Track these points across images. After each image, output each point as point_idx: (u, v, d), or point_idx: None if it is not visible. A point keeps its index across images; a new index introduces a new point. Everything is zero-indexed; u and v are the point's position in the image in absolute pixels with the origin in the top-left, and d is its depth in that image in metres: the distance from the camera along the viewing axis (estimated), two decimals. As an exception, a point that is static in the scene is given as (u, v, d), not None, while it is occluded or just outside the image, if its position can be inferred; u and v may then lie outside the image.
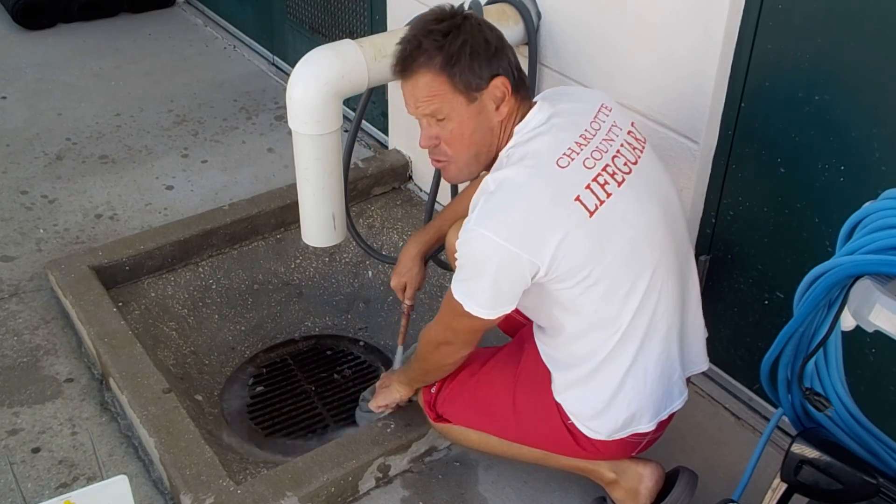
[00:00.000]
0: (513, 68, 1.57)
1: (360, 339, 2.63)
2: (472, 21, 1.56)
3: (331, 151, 1.99)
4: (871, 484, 1.22)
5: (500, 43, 1.57)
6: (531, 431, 1.74)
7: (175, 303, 2.55)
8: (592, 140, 1.54)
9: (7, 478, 1.95)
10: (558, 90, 1.71)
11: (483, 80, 1.54)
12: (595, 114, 1.60)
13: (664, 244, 1.59)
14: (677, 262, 1.63)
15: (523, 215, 1.45)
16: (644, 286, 1.55)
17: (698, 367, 1.75)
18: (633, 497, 1.76)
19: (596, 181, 1.49)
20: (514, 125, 1.58)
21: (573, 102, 1.62)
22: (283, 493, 1.82)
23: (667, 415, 1.68)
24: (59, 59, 3.92)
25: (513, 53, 1.59)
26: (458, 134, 1.58)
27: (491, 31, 1.57)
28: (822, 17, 1.66)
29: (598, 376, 1.62)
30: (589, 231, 1.47)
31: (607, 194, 1.49)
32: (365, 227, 2.82)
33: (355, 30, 3.21)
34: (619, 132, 1.60)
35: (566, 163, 1.49)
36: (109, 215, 2.85)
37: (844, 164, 1.72)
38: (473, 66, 1.52)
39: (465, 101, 1.55)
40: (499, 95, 1.56)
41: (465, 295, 1.53)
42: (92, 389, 2.21)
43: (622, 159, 1.55)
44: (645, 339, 1.58)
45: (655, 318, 1.58)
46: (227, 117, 3.49)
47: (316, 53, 1.95)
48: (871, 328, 1.12)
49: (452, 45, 1.52)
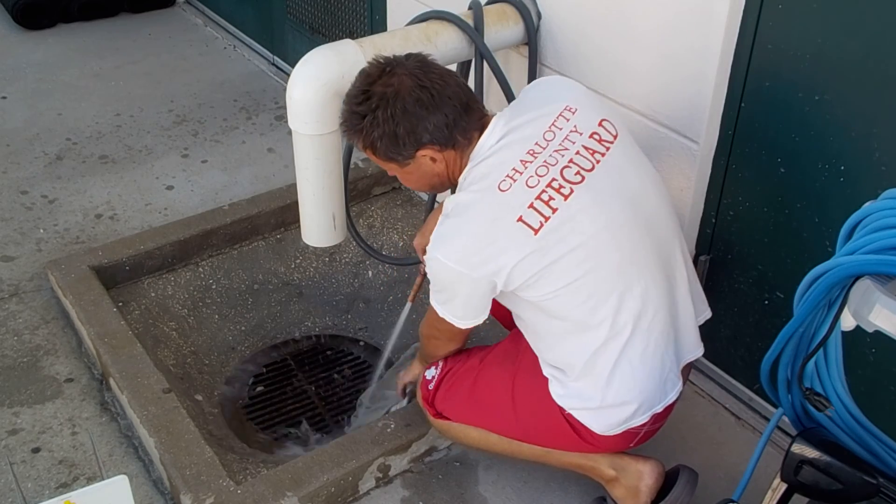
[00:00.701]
0: (442, 126, 1.58)
1: (360, 339, 2.63)
2: (388, 99, 1.56)
3: (331, 151, 1.99)
4: (871, 484, 1.22)
5: (417, 117, 1.56)
6: (531, 426, 1.74)
7: (175, 303, 2.55)
8: (541, 154, 1.57)
9: (7, 478, 1.95)
10: (526, 95, 1.72)
11: (407, 157, 1.62)
12: (553, 121, 1.62)
13: (633, 242, 1.59)
14: (657, 255, 1.62)
15: (468, 239, 1.54)
16: (612, 286, 1.57)
17: (693, 354, 1.74)
18: (633, 495, 1.76)
19: (539, 199, 1.53)
20: (469, 153, 1.63)
21: (531, 111, 1.64)
22: (283, 493, 1.82)
23: (662, 407, 1.67)
24: (59, 59, 3.92)
25: (449, 104, 1.57)
26: (405, 181, 1.72)
27: (404, 115, 1.56)
28: (822, 18, 1.66)
29: (585, 376, 1.63)
30: (535, 248, 1.52)
31: (553, 210, 1.53)
32: (365, 227, 2.82)
33: (355, 30, 3.21)
34: (577, 137, 1.60)
35: (508, 185, 1.54)
36: (109, 215, 2.85)
37: (844, 164, 1.72)
38: (390, 151, 1.61)
39: (397, 166, 1.66)
40: (427, 162, 1.63)
41: (439, 305, 1.65)
42: (92, 389, 2.21)
43: (574, 169, 1.56)
44: (625, 337, 1.59)
45: (633, 315, 1.58)
46: (227, 117, 3.49)
47: (316, 53, 1.95)
48: (871, 328, 1.12)
49: (370, 134, 1.60)
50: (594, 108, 1.67)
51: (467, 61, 2.22)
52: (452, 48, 2.10)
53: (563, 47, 2.19)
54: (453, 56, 2.13)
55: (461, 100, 1.60)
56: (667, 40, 1.90)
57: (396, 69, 1.59)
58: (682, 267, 1.70)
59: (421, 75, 1.58)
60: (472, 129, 1.62)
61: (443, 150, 1.62)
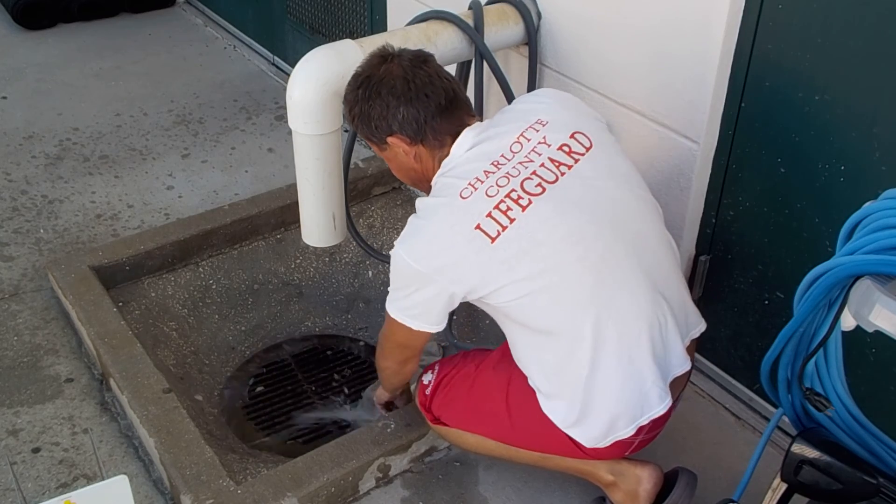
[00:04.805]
0: (411, 120, 1.66)
1: (360, 339, 2.63)
2: (373, 82, 1.67)
3: (331, 151, 1.99)
4: (871, 484, 1.23)
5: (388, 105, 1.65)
6: (527, 432, 1.74)
7: (175, 303, 2.55)
8: (505, 165, 1.61)
9: (7, 478, 1.95)
10: (510, 107, 1.80)
11: (381, 140, 1.72)
12: (520, 134, 1.66)
13: (602, 252, 1.57)
14: (637, 266, 1.60)
15: (429, 240, 1.59)
16: (575, 297, 1.56)
17: (679, 368, 1.68)
18: (631, 499, 1.75)
19: (497, 208, 1.56)
20: (441, 157, 1.69)
21: (504, 125, 1.69)
22: (283, 493, 1.82)
23: (647, 420, 1.63)
24: (59, 59, 3.92)
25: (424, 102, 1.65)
26: (391, 167, 1.82)
27: (378, 99, 1.66)
28: (822, 18, 1.66)
29: (563, 387, 1.62)
30: (492, 256, 1.54)
31: (510, 220, 1.55)
32: (365, 228, 2.82)
33: (355, 30, 3.21)
34: (545, 149, 1.63)
35: (469, 193, 1.58)
36: (109, 215, 2.85)
37: (844, 164, 1.72)
38: (366, 133, 1.73)
39: (377, 148, 1.77)
40: (398, 150, 1.72)
41: (393, 304, 1.66)
42: (92, 389, 2.21)
43: (535, 181, 1.58)
44: (594, 349, 1.57)
45: (603, 327, 1.57)
46: (228, 117, 3.49)
47: (316, 53, 1.95)
48: (871, 328, 1.13)
49: (351, 110, 1.72)
50: (571, 120, 1.69)
51: (467, 61, 2.22)
52: (452, 48, 2.10)
53: (563, 47, 2.19)
54: (453, 56, 2.13)
55: (440, 102, 1.65)
56: (667, 40, 1.90)
57: (394, 58, 1.68)
58: (671, 277, 1.68)
59: (409, 68, 1.65)
60: (445, 132, 1.67)
61: (413, 144, 1.68)
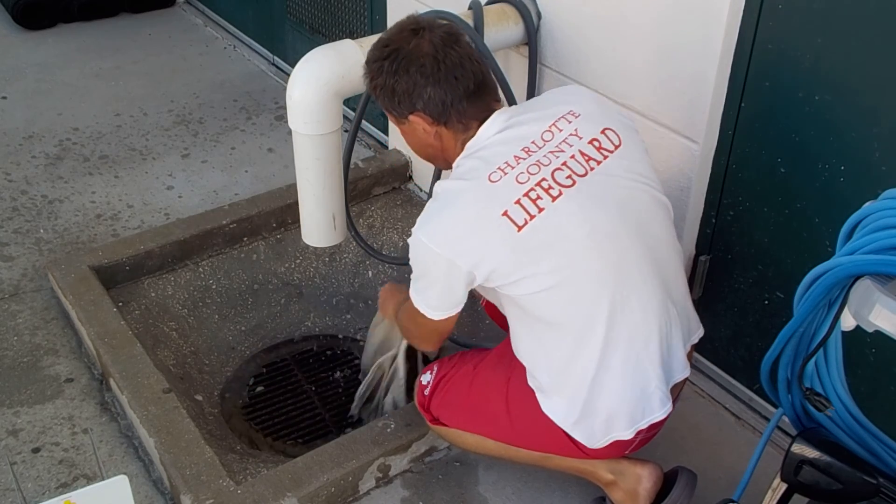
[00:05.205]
0: (437, 101, 1.59)
1: (360, 339, 2.62)
2: (400, 55, 1.60)
3: (331, 151, 1.99)
4: (871, 484, 1.23)
5: (415, 83, 1.59)
6: (526, 432, 1.73)
7: (175, 303, 2.55)
8: (536, 153, 1.57)
9: (7, 478, 1.95)
10: (538, 97, 1.76)
11: (401, 115, 1.66)
12: (554, 122, 1.62)
13: (620, 252, 1.56)
14: (650, 268, 1.59)
15: (453, 224, 1.54)
16: (592, 295, 1.55)
17: (681, 374, 1.69)
18: (631, 498, 1.75)
19: (527, 196, 1.52)
20: (465, 139, 1.64)
21: (537, 111, 1.65)
22: (283, 493, 1.82)
23: (646, 424, 1.63)
24: (59, 59, 3.92)
25: (453, 84, 1.59)
26: (406, 140, 1.74)
27: (406, 75, 1.59)
28: (822, 17, 1.66)
29: (566, 384, 1.62)
30: (517, 245, 1.51)
31: (539, 209, 1.51)
32: (365, 227, 2.82)
33: (355, 30, 3.21)
34: (576, 141, 1.59)
35: (498, 177, 1.54)
36: (109, 215, 2.85)
37: (844, 164, 1.72)
38: (387, 105, 1.66)
39: (395, 120, 1.70)
40: (419, 128, 1.65)
41: (414, 293, 1.64)
42: (92, 389, 2.21)
43: (566, 172, 1.55)
44: (601, 347, 1.56)
45: (614, 326, 1.56)
46: (227, 117, 3.49)
47: (316, 53, 1.95)
48: (871, 328, 1.13)
49: (374, 80, 1.65)
50: (601, 116, 1.66)
51: (467, 61, 2.22)
52: (452, 48, 2.10)
53: (563, 47, 2.19)
54: (453, 56, 2.13)
55: (468, 85, 1.59)
56: (667, 40, 1.90)
57: (425, 32, 1.60)
58: (678, 283, 1.68)
59: (440, 46, 1.58)
60: (471, 117, 1.62)
61: (436, 125, 1.63)
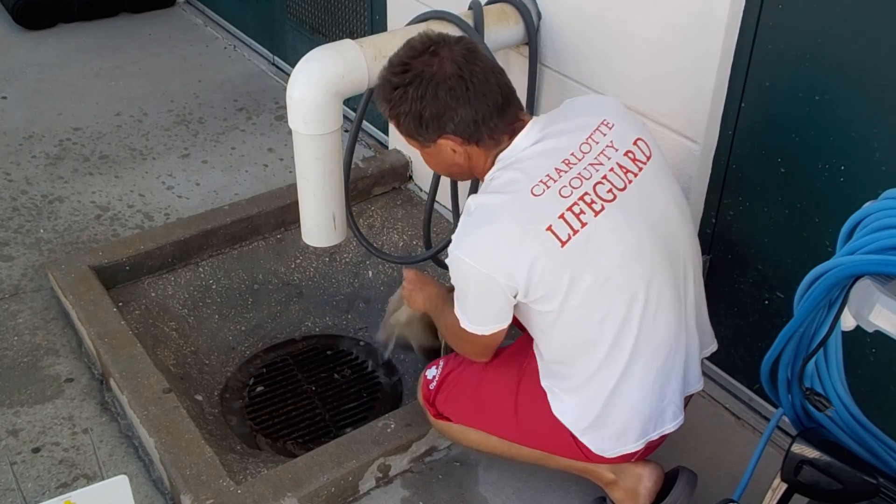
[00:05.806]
0: (469, 122, 1.53)
1: (360, 339, 2.62)
2: (424, 79, 1.52)
3: (331, 151, 1.99)
4: (871, 484, 1.23)
5: (446, 106, 1.51)
6: (532, 431, 1.74)
7: (175, 303, 2.55)
8: (576, 165, 1.53)
9: (7, 478, 1.95)
10: (566, 104, 1.69)
11: (428, 140, 1.59)
12: (590, 133, 1.58)
13: (652, 268, 1.56)
14: (673, 283, 1.60)
15: (495, 240, 1.49)
16: (623, 312, 1.54)
17: (694, 387, 1.72)
18: (632, 497, 1.76)
19: (571, 210, 1.49)
20: (497, 153, 1.59)
21: (570, 121, 1.60)
22: (283, 493, 1.82)
23: (657, 436, 1.66)
24: (59, 59, 3.92)
25: (482, 102, 1.52)
26: (426, 160, 1.68)
27: (434, 100, 1.51)
28: (823, 17, 1.66)
29: (580, 392, 1.62)
30: (560, 261, 1.48)
31: (582, 224, 1.49)
32: (365, 227, 2.82)
33: (355, 30, 3.21)
34: (613, 153, 1.56)
35: (541, 191, 1.50)
36: (109, 215, 2.85)
37: (844, 164, 1.72)
38: (412, 129, 1.58)
39: (418, 144, 1.62)
40: (448, 150, 1.59)
41: (459, 311, 1.62)
42: (92, 389, 2.21)
43: (606, 186, 1.53)
44: (627, 362, 1.57)
45: (640, 341, 1.56)
46: (228, 117, 3.49)
47: (316, 53, 1.95)
48: (871, 328, 1.13)
49: (397, 107, 1.56)
50: (631, 126, 1.64)
51: (467, 61, 2.22)
52: (452, 48, 2.10)
53: (563, 47, 2.19)
54: (453, 56, 2.13)
55: (497, 100, 1.54)
56: (667, 40, 1.90)
57: (441, 50, 1.53)
58: (699, 300, 1.69)
59: (463, 65, 1.52)
60: (501, 131, 1.57)
61: (466, 144, 1.57)
